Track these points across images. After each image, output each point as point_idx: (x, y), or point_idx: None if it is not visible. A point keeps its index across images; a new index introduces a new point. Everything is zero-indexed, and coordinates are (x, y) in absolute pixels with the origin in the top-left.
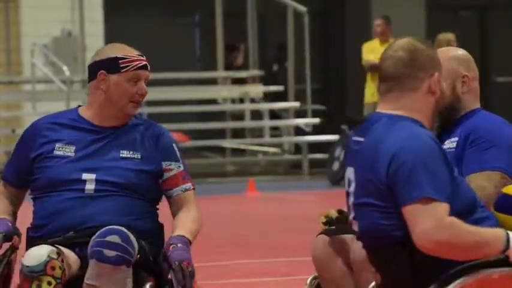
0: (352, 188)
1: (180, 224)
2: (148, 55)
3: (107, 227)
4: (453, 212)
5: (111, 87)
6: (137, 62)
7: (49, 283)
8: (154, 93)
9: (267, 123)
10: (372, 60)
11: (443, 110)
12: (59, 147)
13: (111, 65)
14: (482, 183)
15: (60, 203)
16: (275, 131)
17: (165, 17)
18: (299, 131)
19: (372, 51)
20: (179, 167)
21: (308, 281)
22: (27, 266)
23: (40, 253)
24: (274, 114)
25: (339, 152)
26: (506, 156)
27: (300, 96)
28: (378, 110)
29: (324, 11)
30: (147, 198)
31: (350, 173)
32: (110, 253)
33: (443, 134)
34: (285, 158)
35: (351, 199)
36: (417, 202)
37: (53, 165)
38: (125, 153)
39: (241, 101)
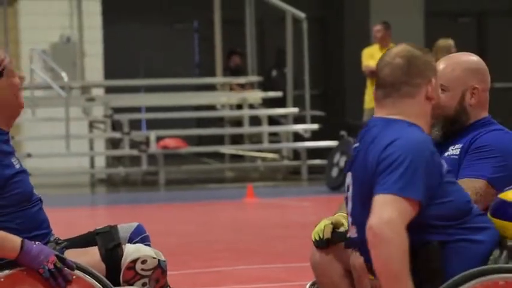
0: (350, 193)
1: None
2: (147, 61)
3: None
4: (443, 214)
5: (1, 92)
6: (4, 58)
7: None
8: (153, 99)
9: (265, 129)
10: (371, 65)
11: (446, 120)
12: (14, 161)
13: None
14: (465, 189)
15: (40, 214)
16: (274, 137)
17: (164, 23)
18: (298, 137)
19: (371, 57)
20: None
21: (307, 287)
22: (164, 261)
23: (154, 250)
24: (273, 120)
25: (337, 158)
26: (502, 169)
27: (298, 102)
28: (376, 115)
29: (323, 17)
30: None
31: (348, 178)
32: None
33: (447, 141)
34: (283, 164)
35: (350, 204)
36: (386, 194)
37: (22, 179)
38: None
39: (240, 107)
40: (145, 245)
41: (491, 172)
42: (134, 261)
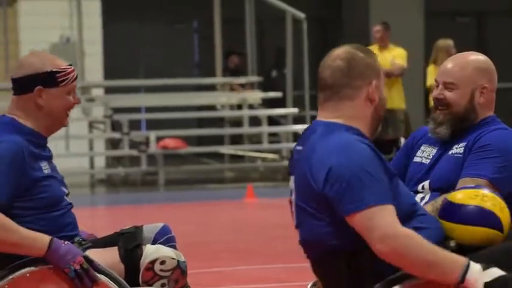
0: (293, 197)
1: None
2: (147, 61)
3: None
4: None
5: (50, 101)
6: (72, 74)
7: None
8: (152, 99)
9: (265, 129)
10: None
11: (455, 118)
12: (44, 166)
13: (49, 80)
14: None
15: (65, 217)
16: (274, 137)
17: (164, 23)
18: (297, 137)
19: None
20: None
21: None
22: (184, 261)
23: (174, 251)
24: (273, 121)
25: None
26: (503, 169)
27: (298, 102)
28: (317, 118)
29: (323, 17)
30: None
31: (292, 181)
32: None
33: (453, 139)
34: (283, 164)
35: (293, 208)
36: (363, 210)
37: (50, 184)
38: (54, 164)
39: (240, 107)
40: (170, 245)
41: (493, 172)
42: (153, 261)
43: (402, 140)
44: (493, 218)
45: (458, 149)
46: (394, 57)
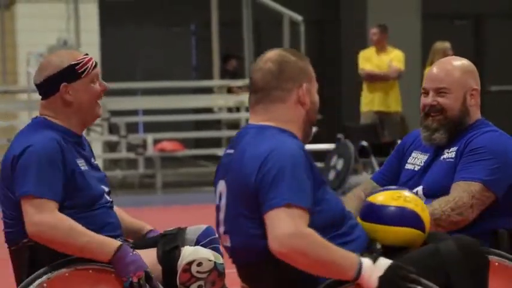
0: (223, 202)
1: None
2: (144, 64)
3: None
4: (319, 225)
5: (77, 95)
6: (91, 62)
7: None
8: (150, 102)
9: None
10: (367, 69)
11: (451, 123)
12: (80, 163)
13: (70, 74)
14: (460, 192)
15: (104, 216)
16: None
17: (161, 26)
18: None
19: (368, 60)
20: None
21: None
22: (222, 263)
23: (213, 253)
24: None
25: (334, 161)
26: (496, 171)
27: None
28: (249, 121)
29: (320, 20)
30: None
31: (221, 186)
32: None
33: (447, 144)
34: None
35: (222, 214)
36: (279, 208)
37: (89, 180)
38: (94, 162)
39: (237, 109)
40: (213, 247)
41: (486, 174)
42: (190, 263)
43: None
44: (415, 218)
45: (449, 154)
46: (391, 59)
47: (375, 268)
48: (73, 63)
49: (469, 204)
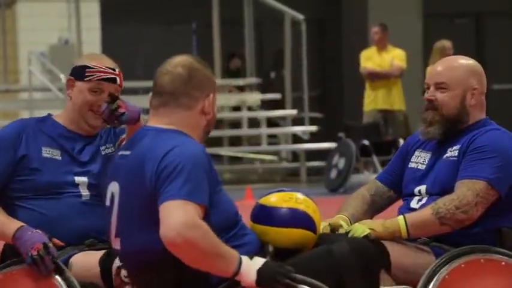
0: (116, 203)
1: None
2: (145, 63)
3: None
4: (213, 227)
5: (75, 93)
6: (102, 74)
7: None
8: None
9: (264, 131)
10: (369, 67)
11: (446, 120)
12: (46, 151)
13: (79, 73)
14: (465, 191)
15: (65, 206)
16: (272, 139)
17: (162, 24)
18: (296, 138)
19: (369, 59)
20: None
21: None
22: None
23: None
24: (272, 122)
25: (336, 160)
26: (500, 169)
27: (297, 104)
28: (148, 124)
29: (321, 18)
30: None
31: (113, 187)
32: None
33: (446, 142)
34: (282, 166)
35: (114, 216)
36: (175, 200)
37: (46, 167)
38: (84, 158)
39: (239, 108)
40: None
41: (491, 172)
42: (120, 267)
43: (401, 141)
44: (306, 219)
45: (452, 152)
46: (393, 57)
47: (252, 263)
48: (88, 65)
49: (473, 203)
